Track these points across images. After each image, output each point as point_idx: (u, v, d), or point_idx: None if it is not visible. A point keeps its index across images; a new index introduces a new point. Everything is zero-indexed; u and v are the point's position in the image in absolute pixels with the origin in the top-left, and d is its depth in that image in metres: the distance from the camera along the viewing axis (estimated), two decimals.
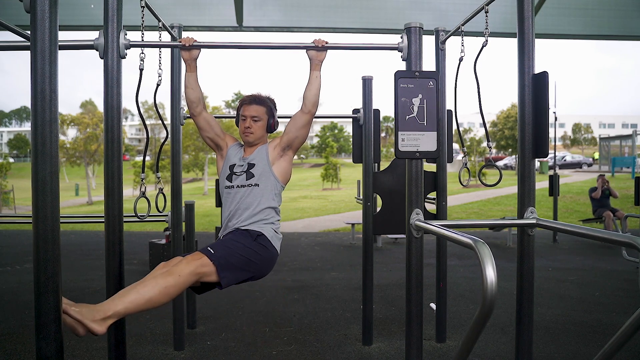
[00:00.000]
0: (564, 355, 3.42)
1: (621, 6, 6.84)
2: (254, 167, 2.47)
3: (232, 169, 2.52)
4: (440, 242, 3.63)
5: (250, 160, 2.49)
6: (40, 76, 1.58)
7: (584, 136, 52.41)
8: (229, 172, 2.51)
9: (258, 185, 2.44)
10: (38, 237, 1.59)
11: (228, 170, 2.52)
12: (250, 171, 2.47)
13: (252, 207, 2.40)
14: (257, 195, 2.42)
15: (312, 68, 2.38)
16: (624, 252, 5.46)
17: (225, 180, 2.51)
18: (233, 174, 2.50)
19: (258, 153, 2.52)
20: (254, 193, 2.42)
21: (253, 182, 2.44)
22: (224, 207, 2.51)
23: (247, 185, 2.44)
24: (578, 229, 1.77)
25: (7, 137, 70.31)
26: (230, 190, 2.47)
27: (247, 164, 2.49)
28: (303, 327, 4.05)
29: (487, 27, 2.38)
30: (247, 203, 2.41)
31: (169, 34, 3.31)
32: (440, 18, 6.61)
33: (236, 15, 6.43)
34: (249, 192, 2.43)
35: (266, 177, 2.46)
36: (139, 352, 3.48)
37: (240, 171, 2.48)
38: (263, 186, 2.45)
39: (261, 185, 2.45)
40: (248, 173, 2.47)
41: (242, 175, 2.47)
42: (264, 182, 2.45)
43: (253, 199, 2.41)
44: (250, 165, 2.48)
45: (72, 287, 5.35)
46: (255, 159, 2.50)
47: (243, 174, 2.47)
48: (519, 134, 2.12)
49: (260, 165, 2.47)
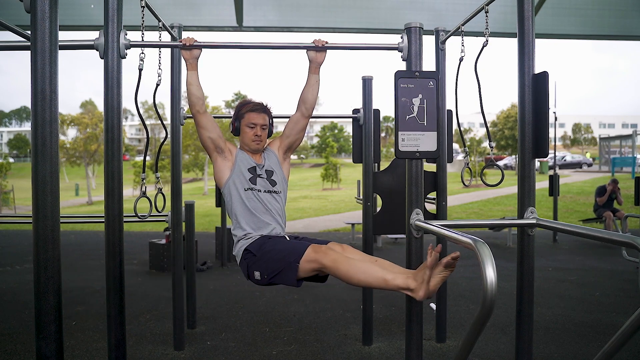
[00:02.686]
0: (564, 355, 3.41)
1: (620, 6, 6.84)
2: (273, 174, 2.51)
3: (254, 171, 2.49)
4: (440, 242, 3.63)
5: (267, 167, 2.52)
6: (40, 76, 1.59)
7: (584, 136, 52.42)
8: (251, 175, 2.48)
9: (280, 192, 2.52)
10: (38, 237, 1.59)
11: (249, 172, 2.48)
12: (272, 179, 2.51)
13: (283, 215, 2.52)
14: (283, 203, 2.53)
15: (312, 71, 2.38)
16: (624, 252, 5.46)
17: (247, 182, 2.46)
18: (257, 176, 2.49)
19: (270, 159, 2.55)
20: (280, 201, 2.51)
21: (277, 189, 2.51)
22: (249, 206, 2.42)
23: (273, 191, 2.49)
24: (578, 229, 1.76)
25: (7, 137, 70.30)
26: (258, 193, 2.45)
27: (265, 172, 2.51)
28: (303, 327, 4.05)
29: (487, 27, 2.38)
30: (279, 210, 2.49)
31: (169, 34, 3.32)
32: (437, 18, 6.61)
33: (236, 15, 6.43)
34: (277, 198, 2.50)
35: (284, 184, 2.56)
36: (139, 352, 3.48)
37: (264, 176, 2.50)
38: (282, 192, 2.53)
39: (281, 192, 2.53)
40: (271, 180, 2.50)
41: (266, 182, 2.49)
42: (283, 189, 2.54)
43: (281, 206, 2.51)
44: (269, 173, 2.51)
45: (72, 287, 5.35)
46: (272, 166, 2.54)
47: (265, 180, 2.49)
48: (519, 134, 2.12)
49: (277, 173, 2.53)
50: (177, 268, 3.51)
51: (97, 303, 4.74)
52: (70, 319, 4.15)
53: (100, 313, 4.32)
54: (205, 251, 7.60)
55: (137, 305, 4.66)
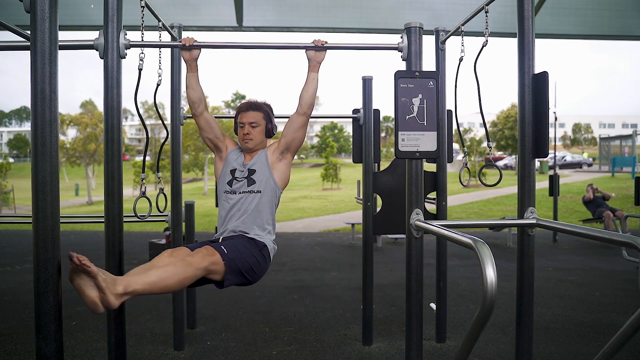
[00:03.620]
0: (564, 355, 3.42)
1: (620, 6, 6.84)
2: (254, 173, 2.48)
3: (233, 173, 2.51)
4: (440, 242, 3.63)
5: (250, 166, 2.50)
6: (40, 76, 1.59)
7: (584, 136, 52.43)
8: (230, 177, 2.51)
9: (260, 192, 2.46)
10: (38, 237, 1.59)
11: (229, 175, 2.51)
12: (252, 177, 2.47)
13: (254, 214, 2.42)
14: (257, 203, 2.44)
15: (311, 69, 2.38)
16: (624, 252, 5.46)
17: (225, 185, 2.50)
18: (234, 179, 2.49)
19: (258, 158, 2.53)
20: (255, 200, 2.44)
21: (255, 188, 2.46)
22: (222, 210, 2.50)
23: (249, 191, 2.45)
24: (578, 229, 1.76)
25: (7, 137, 70.30)
26: (231, 195, 2.47)
27: (247, 170, 2.49)
28: (303, 327, 4.05)
29: (487, 27, 2.38)
30: (249, 209, 2.42)
31: (169, 34, 3.31)
32: (437, 18, 6.61)
33: (236, 15, 6.43)
34: (250, 198, 2.44)
35: (266, 183, 2.47)
36: (139, 352, 3.48)
37: (241, 177, 2.48)
38: (264, 192, 2.46)
39: (262, 192, 2.46)
40: (249, 179, 2.47)
41: (243, 182, 2.47)
42: (264, 189, 2.47)
43: (254, 205, 2.43)
44: (250, 172, 2.48)
45: (72, 287, 5.35)
46: (256, 164, 2.50)
47: (244, 180, 2.47)
48: (519, 134, 2.12)
49: (260, 171, 2.48)
50: None
51: None
52: (70, 319, 4.15)
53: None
54: None
55: (137, 305, 4.66)
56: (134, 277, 1.86)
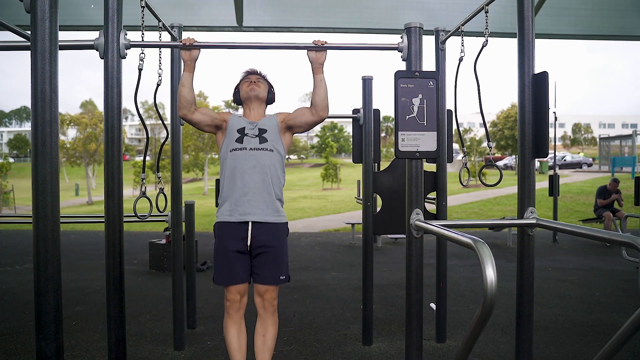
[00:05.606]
0: (564, 355, 3.42)
1: (620, 6, 6.83)
2: (265, 132, 2.47)
3: (242, 131, 2.46)
4: (440, 242, 3.63)
5: (260, 125, 2.49)
6: (40, 76, 1.59)
7: (584, 136, 52.44)
8: (239, 135, 2.45)
9: (272, 150, 2.45)
10: (38, 237, 1.59)
11: (237, 133, 2.46)
12: (263, 136, 2.45)
13: (271, 170, 2.43)
14: (272, 160, 2.44)
15: (315, 72, 2.39)
16: (624, 252, 5.46)
17: (234, 142, 2.44)
18: (245, 135, 2.45)
19: (268, 121, 2.52)
20: (269, 156, 2.44)
21: (267, 146, 2.44)
22: (231, 171, 2.43)
23: (262, 148, 2.43)
24: (578, 229, 1.76)
25: (7, 137, 70.31)
26: (241, 152, 2.42)
27: (258, 129, 2.47)
28: (303, 327, 4.05)
29: (487, 27, 2.38)
30: (265, 165, 2.41)
31: (169, 34, 3.31)
32: (436, 18, 6.61)
33: (236, 15, 6.42)
34: (264, 155, 2.43)
35: (278, 144, 2.49)
36: (139, 352, 3.48)
37: (253, 134, 2.45)
38: (276, 152, 2.47)
39: (275, 151, 2.46)
40: (261, 137, 2.45)
41: (255, 139, 2.44)
42: (276, 148, 2.47)
43: (270, 162, 2.43)
44: (261, 130, 2.47)
45: (72, 287, 5.35)
46: (267, 125, 2.50)
47: (256, 137, 2.44)
48: (519, 134, 2.12)
49: (271, 132, 2.48)
50: (177, 268, 3.51)
51: (97, 303, 4.74)
52: (70, 319, 4.15)
53: (100, 313, 4.32)
54: (205, 251, 7.60)
55: (137, 305, 4.66)
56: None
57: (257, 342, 2.56)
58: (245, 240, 2.43)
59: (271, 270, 2.46)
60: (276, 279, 2.47)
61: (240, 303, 2.50)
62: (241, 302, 2.50)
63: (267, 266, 2.45)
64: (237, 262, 2.42)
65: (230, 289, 2.45)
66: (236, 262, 2.42)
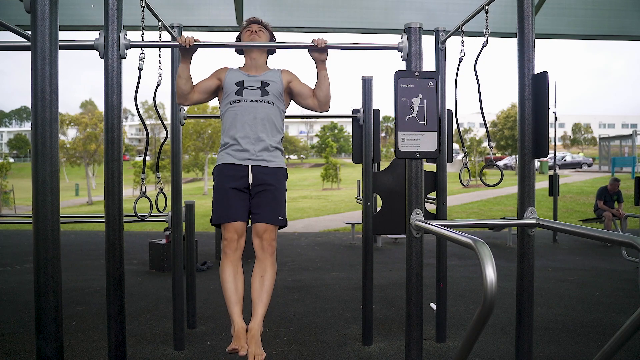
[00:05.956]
0: (564, 355, 3.41)
1: (620, 6, 6.84)
2: (268, 85, 2.43)
3: (241, 84, 2.42)
4: (440, 242, 3.63)
5: (264, 78, 2.45)
6: (40, 76, 1.59)
7: (584, 136, 52.46)
8: (238, 88, 2.41)
9: (273, 104, 2.42)
10: (38, 237, 1.59)
11: (235, 86, 2.42)
12: (266, 89, 2.42)
13: (271, 122, 2.39)
14: (273, 111, 2.41)
15: (318, 69, 2.39)
16: (624, 252, 5.46)
17: (234, 95, 2.40)
18: (244, 88, 2.41)
19: (273, 75, 2.49)
20: (270, 108, 2.41)
21: (268, 99, 2.41)
22: (231, 122, 2.39)
23: (263, 101, 2.39)
24: (578, 229, 1.76)
25: (7, 137, 70.33)
26: (241, 104, 2.38)
27: (261, 82, 2.43)
28: (303, 327, 4.05)
29: (487, 27, 2.38)
30: (265, 117, 2.38)
31: (169, 34, 3.31)
32: (436, 18, 6.61)
33: (236, 15, 6.42)
34: (265, 107, 2.39)
35: (279, 100, 2.46)
36: (139, 352, 3.48)
37: (254, 87, 2.41)
38: (277, 106, 2.44)
39: (275, 104, 2.43)
40: (263, 90, 2.41)
41: (256, 91, 2.40)
42: (277, 103, 2.44)
43: (271, 113, 2.40)
44: (264, 83, 2.43)
45: (72, 287, 5.35)
46: (270, 78, 2.46)
47: (257, 89, 2.41)
48: (519, 134, 2.12)
49: (274, 87, 2.44)
50: (177, 268, 3.51)
51: (97, 303, 4.74)
52: (70, 319, 4.15)
53: (100, 313, 4.32)
54: (205, 251, 7.60)
55: (137, 305, 4.66)
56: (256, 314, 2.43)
57: (255, 284, 2.40)
58: (245, 178, 2.38)
59: (271, 207, 2.37)
60: (275, 219, 2.38)
61: (238, 244, 2.38)
62: (238, 242, 2.38)
63: (266, 204, 2.38)
64: (235, 199, 2.36)
65: (227, 226, 2.36)
66: (234, 198, 2.36)
